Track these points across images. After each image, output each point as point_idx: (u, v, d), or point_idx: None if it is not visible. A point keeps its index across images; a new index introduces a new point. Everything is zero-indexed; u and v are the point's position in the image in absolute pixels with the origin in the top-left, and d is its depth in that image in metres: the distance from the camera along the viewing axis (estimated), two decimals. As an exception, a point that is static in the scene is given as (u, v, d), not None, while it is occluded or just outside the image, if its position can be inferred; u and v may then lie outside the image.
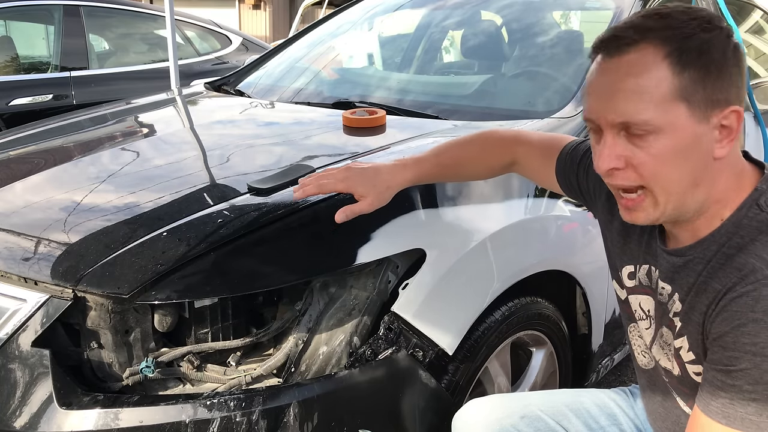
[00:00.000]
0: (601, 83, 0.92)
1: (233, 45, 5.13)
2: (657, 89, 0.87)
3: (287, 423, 1.22)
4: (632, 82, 0.88)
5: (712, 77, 0.87)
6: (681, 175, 0.90)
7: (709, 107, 0.88)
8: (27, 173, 1.69)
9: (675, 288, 0.99)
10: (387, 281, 1.40)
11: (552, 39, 2.44)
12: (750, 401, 0.84)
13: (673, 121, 0.88)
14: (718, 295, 0.89)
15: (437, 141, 1.74)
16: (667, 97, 0.87)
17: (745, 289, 0.86)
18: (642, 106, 0.88)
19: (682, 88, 0.87)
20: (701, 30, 0.88)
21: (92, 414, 1.18)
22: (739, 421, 0.85)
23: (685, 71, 0.87)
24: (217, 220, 1.34)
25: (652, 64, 0.88)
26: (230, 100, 2.46)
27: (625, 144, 0.91)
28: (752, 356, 0.83)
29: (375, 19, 3.02)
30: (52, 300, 1.26)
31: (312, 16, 12.47)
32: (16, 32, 4.28)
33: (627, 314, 1.17)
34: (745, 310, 0.85)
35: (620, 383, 2.42)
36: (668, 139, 0.88)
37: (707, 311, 0.91)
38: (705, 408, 0.89)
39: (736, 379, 0.84)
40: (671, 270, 0.99)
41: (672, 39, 0.87)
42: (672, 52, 0.87)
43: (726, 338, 0.86)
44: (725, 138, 0.90)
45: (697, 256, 0.94)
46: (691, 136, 0.88)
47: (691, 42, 0.87)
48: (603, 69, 0.92)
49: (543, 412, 1.26)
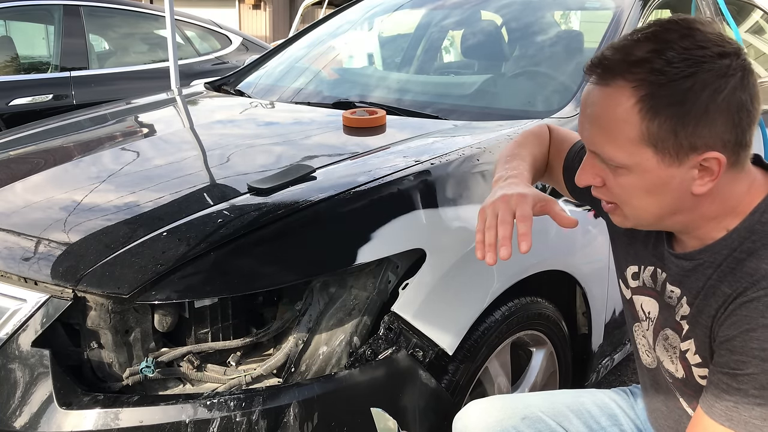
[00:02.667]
0: (584, 107, 0.93)
1: (233, 45, 5.13)
2: (623, 132, 0.87)
3: (287, 423, 1.22)
4: (604, 119, 0.89)
5: (690, 124, 0.84)
6: (650, 207, 0.91)
7: (682, 152, 0.85)
8: (27, 173, 1.69)
9: (684, 291, 0.98)
10: (387, 281, 1.40)
11: (552, 39, 2.44)
12: (755, 406, 0.83)
13: (640, 163, 0.88)
14: (728, 299, 0.89)
15: (437, 141, 1.75)
16: (634, 141, 0.86)
17: (756, 294, 0.85)
18: (610, 144, 0.89)
19: (650, 135, 0.85)
20: (694, 72, 0.82)
21: (92, 414, 1.18)
22: (743, 425, 0.84)
23: (656, 118, 0.84)
24: (217, 220, 1.34)
25: (623, 105, 0.86)
26: (230, 100, 2.46)
27: (602, 166, 0.93)
28: (760, 361, 0.83)
29: (375, 19, 3.02)
30: (52, 300, 1.26)
31: (312, 16, 12.47)
32: (16, 32, 4.28)
33: (631, 314, 1.16)
34: (755, 315, 0.84)
35: (620, 383, 2.42)
36: (635, 178, 0.89)
37: (716, 314, 0.91)
38: (708, 410, 0.89)
39: (742, 383, 0.84)
40: (680, 273, 0.99)
41: (650, 84, 0.84)
42: (645, 98, 0.84)
43: (734, 342, 0.86)
44: (706, 177, 0.87)
45: (708, 260, 0.94)
46: (660, 177, 0.88)
47: (671, 89, 0.83)
48: (587, 92, 0.92)
49: (544, 413, 1.26)
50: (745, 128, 0.86)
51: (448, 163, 1.56)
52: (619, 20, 2.18)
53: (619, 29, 2.14)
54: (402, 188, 1.46)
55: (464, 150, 1.63)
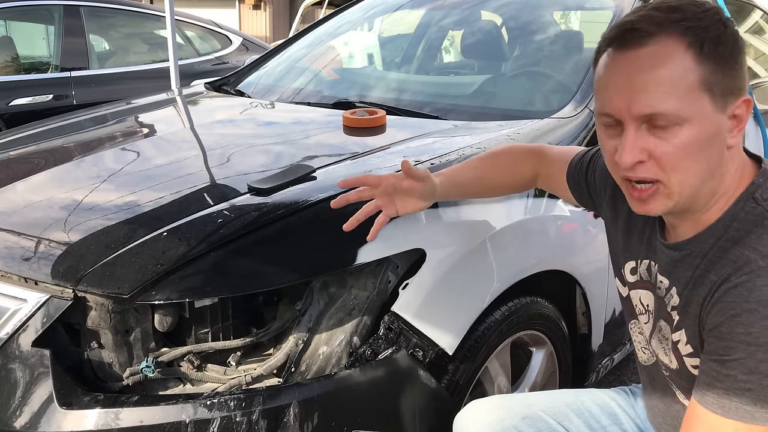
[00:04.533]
0: (621, 76, 0.90)
1: (233, 45, 5.13)
2: (683, 80, 0.87)
3: (287, 423, 1.22)
4: (657, 74, 0.87)
5: (729, 67, 0.88)
6: (700, 167, 0.90)
7: (726, 96, 0.89)
8: (27, 173, 1.69)
9: (672, 282, 1.00)
10: (387, 281, 1.40)
11: (552, 39, 2.44)
12: (744, 391, 0.84)
13: (699, 111, 0.88)
14: (714, 286, 0.90)
15: (437, 141, 1.75)
16: (693, 87, 0.87)
17: (739, 280, 0.86)
18: (669, 97, 0.87)
19: (705, 78, 0.87)
20: (714, 22, 0.88)
21: (92, 414, 1.18)
22: (734, 411, 0.85)
23: (706, 61, 0.87)
24: (217, 220, 1.34)
25: (675, 55, 0.87)
26: (230, 100, 2.46)
27: (647, 136, 0.90)
28: (747, 346, 0.83)
29: (375, 19, 3.02)
30: (53, 300, 1.26)
31: (312, 16, 12.47)
32: (17, 32, 4.28)
33: (628, 311, 1.17)
34: (739, 300, 0.85)
35: (620, 383, 2.42)
36: (693, 130, 0.88)
37: (704, 303, 0.92)
38: (701, 399, 0.89)
39: (731, 369, 0.85)
40: (669, 264, 1.00)
41: (691, 30, 0.87)
42: (693, 43, 0.87)
43: (721, 328, 0.87)
44: (736, 127, 0.91)
45: (695, 249, 0.95)
46: (714, 125, 0.89)
47: (709, 33, 0.87)
48: (620, 62, 0.90)
49: (544, 412, 1.26)
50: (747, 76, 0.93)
51: (448, 163, 1.56)
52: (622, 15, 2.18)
53: (619, 29, 2.14)
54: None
55: (464, 150, 1.63)
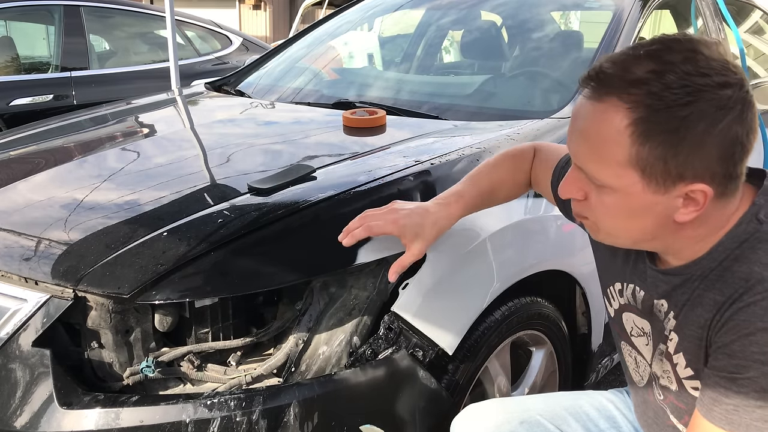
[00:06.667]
0: (574, 119, 0.90)
1: (233, 45, 5.14)
2: (612, 152, 0.84)
3: (287, 423, 1.22)
4: (593, 135, 0.86)
5: (682, 154, 0.81)
6: (629, 230, 0.90)
7: (669, 180, 0.83)
8: (28, 173, 1.69)
9: (671, 305, 0.97)
10: (387, 281, 1.40)
11: (552, 39, 2.44)
12: (756, 408, 0.83)
13: (625, 185, 0.86)
14: (723, 305, 0.88)
15: (437, 141, 1.75)
16: (622, 163, 0.84)
17: (753, 299, 0.84)
18: (596, 162, 0.87)
19: (639, 159, 0.83)
20: (683, 104, 0.79)
21: (93, 414, 1.18)
22: (744, 427, 0.84)
23: (647, 143, 0.82)
24: (217, 220, 1.34)
25: (615, 125, 0.83)
26: (230, 100, 2.46)
27: (586, 180, 0.91)
28: (761, 365, 0.82)
29: (375, 19, 3.02)
30: (53, 300, 1.26)
31: (312, 16, 12.47)
32: (17, 32, 4.29)
33: (617, 332, 1.15)
34: (753, 319, 0.83)
35: (620, 383, 2.41)
36: (618, 200, 0.87)
37: (711, 323, 0.89)
38: (707, 413, 0.88)
39: (743, 387, 0.84)
40: (669, 288, 0.97)
41: (645, 107, 0.81)
42: (638, 121, 0.81)
43: (733, 346, 0.85)
44: (691, 206, 0.85)
45: (695, 273, 0.93)
46: (643, 202, 0.86)
47: (667, 115, 0.80)
48: (579, 105, 0.89)
49: (542, 416, 1.26)
50: (737, 161, 0.84)
51: (448, 163, 1.57)
52: (619, 20, 2.18)
53: (619, 29, 2.14)
54: (402, 188, 1.46)
55: (464, 150, 1.63)
